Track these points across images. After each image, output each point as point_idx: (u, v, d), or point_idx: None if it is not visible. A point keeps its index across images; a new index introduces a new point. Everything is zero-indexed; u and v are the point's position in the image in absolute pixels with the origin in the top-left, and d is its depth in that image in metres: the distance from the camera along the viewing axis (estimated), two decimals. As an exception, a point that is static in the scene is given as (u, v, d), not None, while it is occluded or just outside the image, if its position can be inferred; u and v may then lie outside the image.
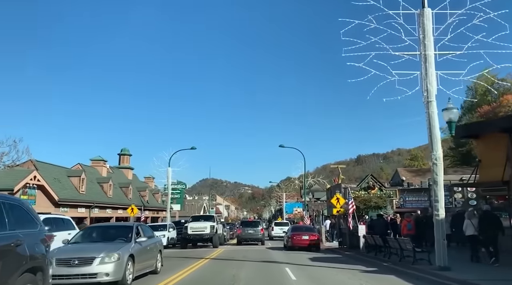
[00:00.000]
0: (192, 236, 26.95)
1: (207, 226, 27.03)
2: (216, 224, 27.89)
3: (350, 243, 24.20)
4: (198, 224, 27.57)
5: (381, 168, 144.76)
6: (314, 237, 25.57)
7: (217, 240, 27.51)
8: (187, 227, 27.31)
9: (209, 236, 26.91)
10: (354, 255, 21.02)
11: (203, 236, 26.88)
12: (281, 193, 72.63)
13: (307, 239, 25.24)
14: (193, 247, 27.98)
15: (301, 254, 22.67)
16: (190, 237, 27.02)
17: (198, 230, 26.94)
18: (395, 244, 16.90)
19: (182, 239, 27.71)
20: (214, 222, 28.03)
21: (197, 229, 26.96)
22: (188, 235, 27.00)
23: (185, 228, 27.60)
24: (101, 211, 37.10)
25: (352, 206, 22.39)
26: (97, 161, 42.43)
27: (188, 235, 26.93)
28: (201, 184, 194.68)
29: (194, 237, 27.02)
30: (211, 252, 23.98)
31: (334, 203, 26.71)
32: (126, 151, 51.08)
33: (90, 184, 36.82)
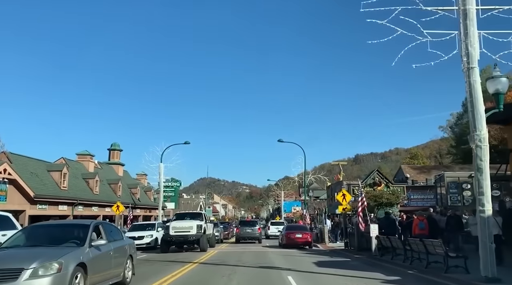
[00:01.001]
0: (175, 237, 22.50)
1: (193, 226, 22.50)
2: (204, 223, 23.48)
3: (358, 244, 21.16)
4: (182, 223, 22.99)
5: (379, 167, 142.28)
6: (306, 236, 26.19)
7: (205, 243, 23.24)
8: (168, 227, 22.73)
9: (195, 238, 22.48)
10: (366, 259, 17.97)
11: (188, 237, 22.43)
12: (279, 191, 69.70)
13: (300, 237, 25.96)
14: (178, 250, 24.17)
15: (303, 257, 19.66)
16: (172, 239, 22.56)
17: (182, 231, 22.37)
18: (419, 247, 13.84)
19: (163, 241, 23.11)
20: (202, 221, 23.64)
21: (181, 229, 22.43)
22: (169, 237, 22.57)
23: (166, 228, 23.10)
24: (86, 209, 33.97)
25: (362, 203, 19.33)
26: (84, 156, 39.16)
27: (170, 236, 22.53)
28: (199, 183, 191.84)
29: (177, 239, 22.56)
30: (202, 255, 20.92)
31: (340, 200, 23.76)
32: (117, 146, 47.81)
33: (73, 179, 33.69)
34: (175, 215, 26.26)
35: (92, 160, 39.75)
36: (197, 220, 23.55)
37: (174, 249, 23.87)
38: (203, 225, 22.89)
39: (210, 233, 25.44)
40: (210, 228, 25.45)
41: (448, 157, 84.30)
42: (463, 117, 78.60)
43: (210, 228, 25.45)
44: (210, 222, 25.44)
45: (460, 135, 70.63)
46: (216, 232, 28.92)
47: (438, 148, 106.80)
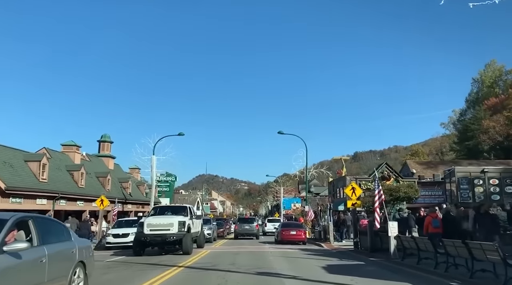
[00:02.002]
0: (150, 237, 17.77)
1: (174, 223, 17.87)
2: (189, 219, 18.94)
3: (372, 245, 18.09)
4: (160, 219, 18.29)
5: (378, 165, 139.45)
6: (300, 233, 26.73)
7: (190, 244, 18.33)
8: (142, 224, 17.93)
9: (176, 238, 17.86)
10: (385, 263, 14.89)
11: (167, 237, 17.80)
12: (279, 187, 66.57)
13: (294, 234, 26.50)
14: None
15: (308, 260, 16.62)
16: (147, 239, 17.86)
17: (159, 229, 17.75)
18: (461, 251, 10.75)
19: (136, 242, 18.37)
20: (187, 217, 18.95)
21: (158, 227, 17.80)
22: (144, 236, 17.81)
23: (140, 225, 18.20)
24: (69, 203, 30.82)
25: (379, 197, 16.20)
26: (69, 147, 35.86)
27: (144, 236, 17.79)
28: (198, 180, 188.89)
29: (153, 239, 17.86)
30: (191, 256, 17.80)
31: (349, 194, 20.64)
32: (107, 137, 44.56)
33: (55, 171, 30.53)
34: (153, 209, 21.33)
35: (79, 152, 36.47)
36: (180, 215, 18.93)
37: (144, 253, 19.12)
38: (186, 221, 18.40)
39: (197, 231, 21.19)
40: (197, 225, 21.00)
41: (450, 154, 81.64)
42: (466, 113, 76.10)
43: (197, 225, 21.00)
44: (197, 218, 20.72)
45: (464, 131, 67.89)
46: (208, 230, 25.68)
47: (439, 145, 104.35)
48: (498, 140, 60.30)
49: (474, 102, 72.51)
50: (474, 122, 64.85)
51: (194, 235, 20.16)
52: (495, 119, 60.41)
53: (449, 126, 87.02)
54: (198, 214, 20.42)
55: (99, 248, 23.92)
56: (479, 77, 74.12)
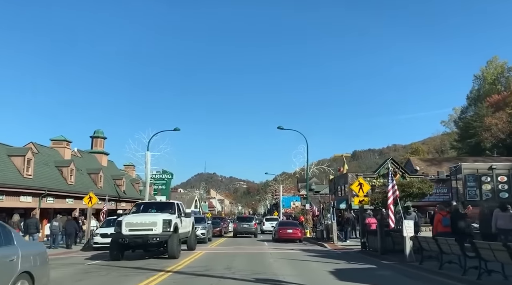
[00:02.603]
0: (130, 239, 15.00)
1: (158, 221, 15.15)
2: (176, 218, 16.26)
3: (382, 246, 16.20)
4: (141, 217, 15.50)
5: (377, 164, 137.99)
6: (297, 231, 27.45)
7: (176, 246, 15.55)
8: (120, 224, 15.19)
9: (160, 239, 15.17)
10: (400, 267, 13.02)
11: (150, 238, 15.00)
12: (278, 185, 64.70)
13: (291, 232, 27.10)
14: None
15: (313, 263, 14.80)
16: (125, 240, 15.02)
17: (140, 229, 14.97)
18: (500, 255, 8.87)
19: (113, 244, 15.54)
20: (173, 214, 16.29)
21: (139, 226, 15.04)
22: (122, 238, 15.04)
23: (117, 225, 15.45)
24: (58, 201, 28.87)
25: (394, 192, 14.28)
26: (59, 142, 33.81)
27: (123, 237, 15.03)
28: (196, 178, 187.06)
29: (133, 240, 15.08)
30: (181, 259, 15.90)
31: (356, 191, 18.79)
32: (100, 133, 42.52)
33: (42, 167, 28.56)
34: (135, 205, 18.32)
35: (69, 147, 34.45)
36: (166, 213, 16.29)
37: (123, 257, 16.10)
38: (173, 220, 15.69)
39: (188, 231, 18.47)
40: (187, 224, 18.24)
41: (451, 152, 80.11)
42: (467, 110, 74.44)
43: (187, 224, 18.24)
44: (187, 216, 17.90)
45: (466, 128, 66.32)
46: (202, 230, 23.73)
47: (439, 143, 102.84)
48: (501, 138, 58.73)
49: (475, 99, 70.90)
50: (476, 120, 63.27)
51: (183, 235, 17.58)
52: (498, 116, 58.85)
53: (449, 124, 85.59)
54: (187, 211, 18.02)
55: (87, 248, 22.13)
56: (480, 74, 72.45)
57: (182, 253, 17.13)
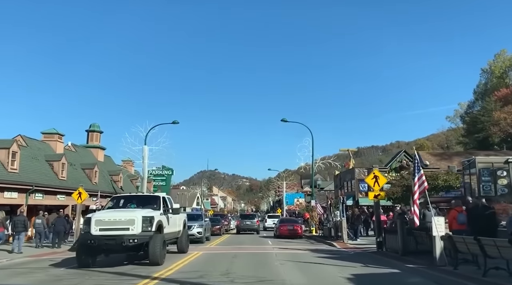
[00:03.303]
0: (100, 240, 11.89)
1: (135, 219, 12.09)
2: (161, 215, 13.31)
3: (404, 246, 14.04)
4: (114, 214, 12.53)
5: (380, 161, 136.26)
6: (297, 228, 27.98)
7: (159, 250, 12.28)
8: (90, 221, 12.09)
9: (139, 240, 12.02)
10: (431, 273, 10.84)
11: (125, 240, 11.86)
12: (281, 181, 62.61)
13: (291, 229, 27.68)
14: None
15: (324, 266, 12.67)
16: (94, 242, 11.93)
17: (113, 228, 11.96)
18: None
19: (80, 247, 12.67)
20: (158, 210, 13.30)
21: (112, 225, 12.02)
22: (90, 239, 11.95)
23: (86, 222, 12.33)
24: (47, 197, 26.82)
25: (421, 185, 12.01)
26: (50, 135, 31.66)
27: (92, 238, 11.94)
28: (199, 176, 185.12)
29: (103, 242, 11.94)
30: (175, 259, 13.79)
31: (371, 184, 16.65)
32: (96, 127, 40.37)
33: (30, 161, 26.51)
34: (112, 199, 15.05)
35: (61, 141, 32.35)
36: (147, 208, 13.26)
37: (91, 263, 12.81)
38: (155, 217, 12.62)
39: (177, 230, 15.52)
40: (176, 222, 15.28)
41: (457, 148, 78.10)
42: (474, 105, 72.37)
43: (176, 222, 15.28)
44: (175, 213, 14.73)
45: (473, 123, 64.44)
46: (198, 228, 21.36)
47: (445, 139, 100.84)
48: (510, 132, 56.69)
49: (482, 93, 68.93)
50: (484, 114, 61.36)
51: (171, 236, 14.72)
52: (507, 111, 56.82)
53: (455, 119, 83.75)
54: (175, 207, 14.81)
55: (75, 248, 19.99)
56: (488, 67, 70.34)
57: (175, 256, 15.01)
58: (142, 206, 13.65)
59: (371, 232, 26.00)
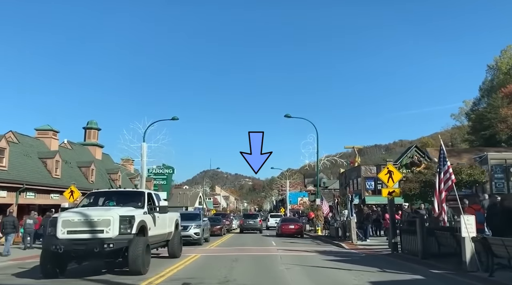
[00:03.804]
0: (68, 245, 9.61)
1: (111, 219, 9.91)
2: (144, 214, 11.08)
3: (424, 248, 12.48)
4: (87, 213, 10.13)
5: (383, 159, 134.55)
6: (298, 227, 28.76)
7: (141, 256, 10.00)
8: (55, 223, 9.86)
9: (115, 246, 9.78)
10: (462, 280, 9.31)
11: (98, 245, 9.64)
12: (284, 180, 60.96)
13: (292, 228, 28.38)
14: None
15: (336, 271, 11.15)
16: (59, 248, 9.54)
17: (84, 230, 9.82)
18: None
19: (44, 254, 10.05)
20: (141, 208, 11.15)
21: (83, 226, 9.84)
22: (55, 244, 9.62)
23: (51, 223, 10.08)
24: (40, 196, 25.43)
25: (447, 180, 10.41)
26: (44, 132, 30.19)
27: (57, 242, 9.63)
28: (202, 175, 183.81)
29: (72, 248, 9.66)
30: (168, 264, 12.27)
31: (385, 180, 15.09)
32: (93, 124, 38.94)
33: (22, 158, 25.11)
34: (87, 195, 12.52)
35: (56, 137, 30.89)
36: (128, 206, 11.01)
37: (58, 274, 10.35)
38: (136, 217, 10.38)
39: (167, 232, 13.29)
40: (165, 223, 13.00)
41: (463, 145, 76.54)
42: (480, 102, 70.73)
43: (165, 223, 13.00)
44: (162, 211, 12.18)
45: (479, 120, 62.89)
46: (195, 228, 19.43)
47: (450, 137, 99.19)
48: (518, 128, 55.16)
49: (489, 90, 67.26)
50: (490, 111, 59.79)
51: (158, 239, 12.51)
52: (514, 107, 55.27)
53: (459, 117, 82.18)
54: (163, 204, 12.52)
55: None
56: (494, 63, 68.64)
57: (170, 260, 13.47)
58: (123, 203, 11.42)
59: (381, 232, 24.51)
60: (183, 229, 17.71)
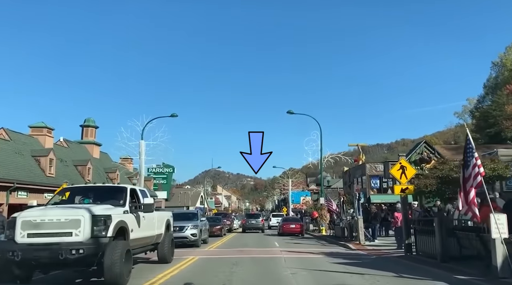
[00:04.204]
0: (27, 252, 7.68)
1: (81, 219, 7.95)
2: (125, 213, 9.22)
3: (443, 250, 11.23)
4: (50, 212, 8.27)
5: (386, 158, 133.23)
6: (298, 226, 29.21)
7: (118, 263, 7.91)
8: (14, 223, 7.96)
9: (86, 252, 7.82)
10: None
11: (62, 250, 7.66)
12: (287, 179, 59.70)
13: (293, 227, 28.91)
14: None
15: (352, 278, 9.85)
16: (16, 255, 7.59)
17: (48, 233, 7.84)
18: None
19: (1, 261, 7.89)
20: (121, 207, 9.30)
21: (45, 227, 7.88)
22: (12, 250, 7.68)
23: (10, 225, 8.14)
24: (33, 196, 24.21)
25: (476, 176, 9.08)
26: (39, 129, 28.93)
27: (15, 248, 7.71)
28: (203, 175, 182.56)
29: (32, 255, 7.71)
30: (163, 268, 11.04)
31: (397, 176, 13.84)
32: (91, 122, 37.77)
33: (13, 156, 23.97)
34: (58, 191, 11.18)
35: (51, 135, 29.69)
36: (106, 204, 9.16)
37: None
38: (113, 217, 8.50)
39: (156, 234, 11.46)
40: (154, 224, 11.29)
41: (470, 143, 75.35)
42: (484, 100, 69.44)
43: (154, 224, 11.29)
44: (146, 210, 10.20)
45: (484, 118, 61.65)
46: (192, 229, 17.61)
47: (453, 135, 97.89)
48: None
49: (493, 87, 65.96)
50: (495, 108, 58.55)
51: (143, 243, 10.56)
52: (520, 104, 54.03)
53: (463, 115, 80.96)
54: (147, 201, 10.19)
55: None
56: (499, 60, 67.23)
57: (162, 265, 12.21)
58: (102, 201, 9.47)
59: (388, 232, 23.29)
60: (179, 230, 16.47)
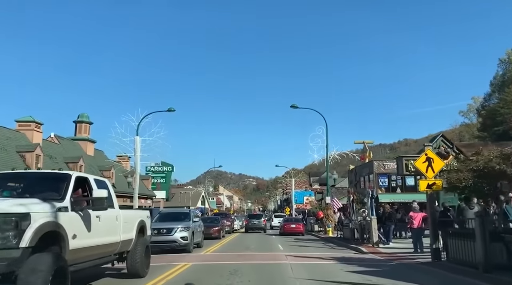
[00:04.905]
0: None
1: None
2: (61, 210, 6.02)
3: (487, 258, 9.08)
4: None
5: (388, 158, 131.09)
6: (299, 226, 29.97)
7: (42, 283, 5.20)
8: None
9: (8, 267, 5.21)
10: None
11: None
12: (289, 179, 57.61)
13: (294, 227, 29.73)
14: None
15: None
16: None
17: None
18: None
19: None
20: (60, 201, 6.25)
21: None
22: None
23: None
24: (17, 195, 22.29)
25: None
26: (26, 123, 26.92)
27: None
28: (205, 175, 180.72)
29: None
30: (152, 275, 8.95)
31: (423, 170, 11.72)
32: (85, 117, 35.68)
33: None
34: None
35: (39, 130, 27.64)
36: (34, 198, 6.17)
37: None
38: (32, 216, 5.47)
39: (121, 240, 8.41)
40: (115, 226, 8.15)
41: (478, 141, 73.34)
42: (491, 98, 67.51)
43: (115, 226, 8.15)
44: (97, 207, 6.83)
45: (491, 116, 59.66)
46: (182, 231, 14.87)
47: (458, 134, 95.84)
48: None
49: (500, 85, 63.89)
50: (503, 106, 56.54)
51: (98, 253, 7.55)
52: (529, 101, 52.15)
53: (468, 114, 78.94)
54: (100, 194, 6.76)
55: None
56: (506, 57, 65.18)
57: (153, 270, 10.09)
58: (32, 194, 6.51)
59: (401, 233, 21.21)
60: (167, 233, 14.29)
